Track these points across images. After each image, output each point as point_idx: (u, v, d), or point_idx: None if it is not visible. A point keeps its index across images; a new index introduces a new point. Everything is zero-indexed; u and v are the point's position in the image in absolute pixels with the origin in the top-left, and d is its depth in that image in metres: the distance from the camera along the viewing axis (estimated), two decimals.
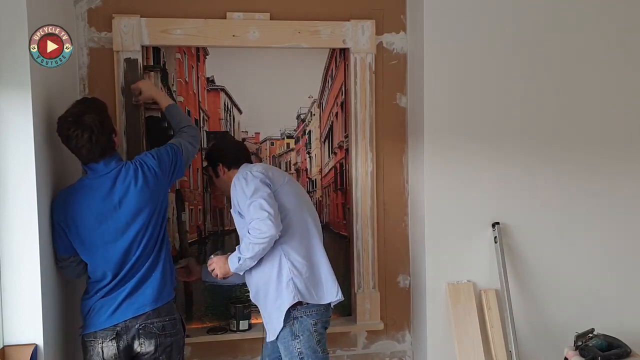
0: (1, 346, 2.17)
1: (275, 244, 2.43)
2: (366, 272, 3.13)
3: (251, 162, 2.73)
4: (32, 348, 2.18)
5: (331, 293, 2.52)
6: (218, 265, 2.57)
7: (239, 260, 2.44)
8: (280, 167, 3.16)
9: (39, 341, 2.21)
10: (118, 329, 2.31)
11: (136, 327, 2.32)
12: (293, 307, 2.44)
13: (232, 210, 2.55)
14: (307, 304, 2.46)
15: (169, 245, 2.51)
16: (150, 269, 2.37)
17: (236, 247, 2.49)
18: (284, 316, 2.44)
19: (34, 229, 2.20)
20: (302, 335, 2.44)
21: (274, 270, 2.46)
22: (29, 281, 2.20)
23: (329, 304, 2.54)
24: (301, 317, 2.45)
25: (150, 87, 2.82)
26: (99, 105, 2.35)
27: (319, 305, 2.49)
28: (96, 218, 2.30)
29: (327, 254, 2.58)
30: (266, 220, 2.34)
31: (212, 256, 2.64)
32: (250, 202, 2.39)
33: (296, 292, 2.43)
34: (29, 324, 2.20)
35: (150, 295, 2.35)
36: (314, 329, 2.46)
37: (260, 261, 2.46)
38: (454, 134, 3.02)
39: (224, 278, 2.59)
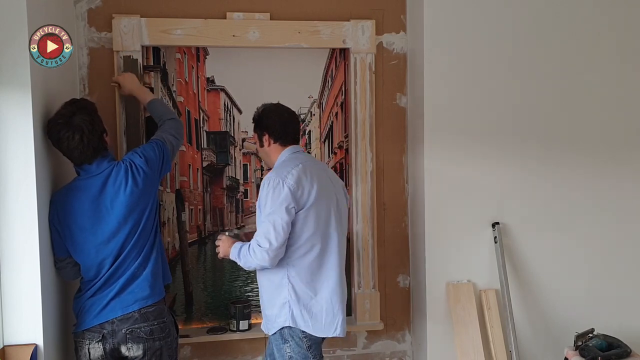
0: (1, 346, 2.17)
1: (282, 261, 2.35)
2: (366, 272, 3.13)
3: (298, 144, 2.58)
4: (32, 348, 2.17)
5: (328, 329, 2.41)
6: (223, 246, 2.52)
7: (236, 258, 2.44)
8: None
9: (39, 341, 2.21)
10: (104, 331, 2.29)
11: (123, 331, 2.29)
12: None
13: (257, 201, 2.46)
14: None
15: (161, 242, 2.50)
16: (140, 267, 2.35)
17: (241, 244, 2.43)
18: (279, 327, 2.41)
19: (34, 229, 2.19)
20: (292, 340, 2.40)
21: (274, 283, 2.41)
22: (29, 281, 2.19)
23: None
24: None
25: (130, 82, 2.74)
26: (88, 105, 2.34)
27: None
28: (89, 219, 2.30)
29: None
30: (263, 252, 2.29)
31: (225, 233, 2.63)
32: (265, 218, 2.32)
33: (289, 317, 2.37)
34: (29, 324, 2.20)
35: (140, 293, 2.33)
36: (303, 335, 2.40)
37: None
38: (454, 134, 3.02)
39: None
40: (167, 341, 2.38)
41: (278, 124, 2.50)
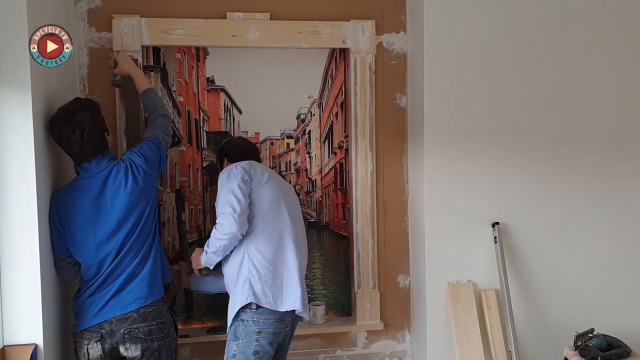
0: (1, 346, 2.18)
1: (241, 242, 2.42)
2: (366, 272, 3.12)
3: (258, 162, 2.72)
4: (32, 348, 2.18)
5: (290, 300, 2.44)
6: (195, 255, 2.59)
7: (206, 254, 2.46)
8: (280, 167, 3.16)
9: (39, 341, 2.21)
10: (103, 331, 2.30)
11: (121, 331, 2.30)
12: (243, 309, 2.41)
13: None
14: (257, 308, 2.40)
15: (161, 242, 2.50)
16: (139, 265, 2.35)
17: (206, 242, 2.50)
18: (233, 315, 2.43)
19: (34, 229, 2.20)
20: (241, 339, 2.41)
21: (236, 267, 2.45)
22: (29, 281, 2.20)
23: (284, 317, 2.46)
24: (247, 321, 2.41)
25: (128, 63, 2.72)
26: (91, 104, 2.36)
27: (271, 313, 2.42)
28: (88, 218, 2.31)
29: (327, 254, 2.55)
30: (229, 217, 2.35)
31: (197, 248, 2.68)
32: (223, 196, 2.41)
33: (250, 293, 2.39)
34: (29, 324, 2.21)
35: (138, 292, 2.34)
36: (255, 337, 2.40)
37: (228, 256, 2.47)
38: (454, 134, 3.02)
39: (198, 269, 2.59)
40: (165, 341, 2.38)
41: (237, 149, 2.71)
